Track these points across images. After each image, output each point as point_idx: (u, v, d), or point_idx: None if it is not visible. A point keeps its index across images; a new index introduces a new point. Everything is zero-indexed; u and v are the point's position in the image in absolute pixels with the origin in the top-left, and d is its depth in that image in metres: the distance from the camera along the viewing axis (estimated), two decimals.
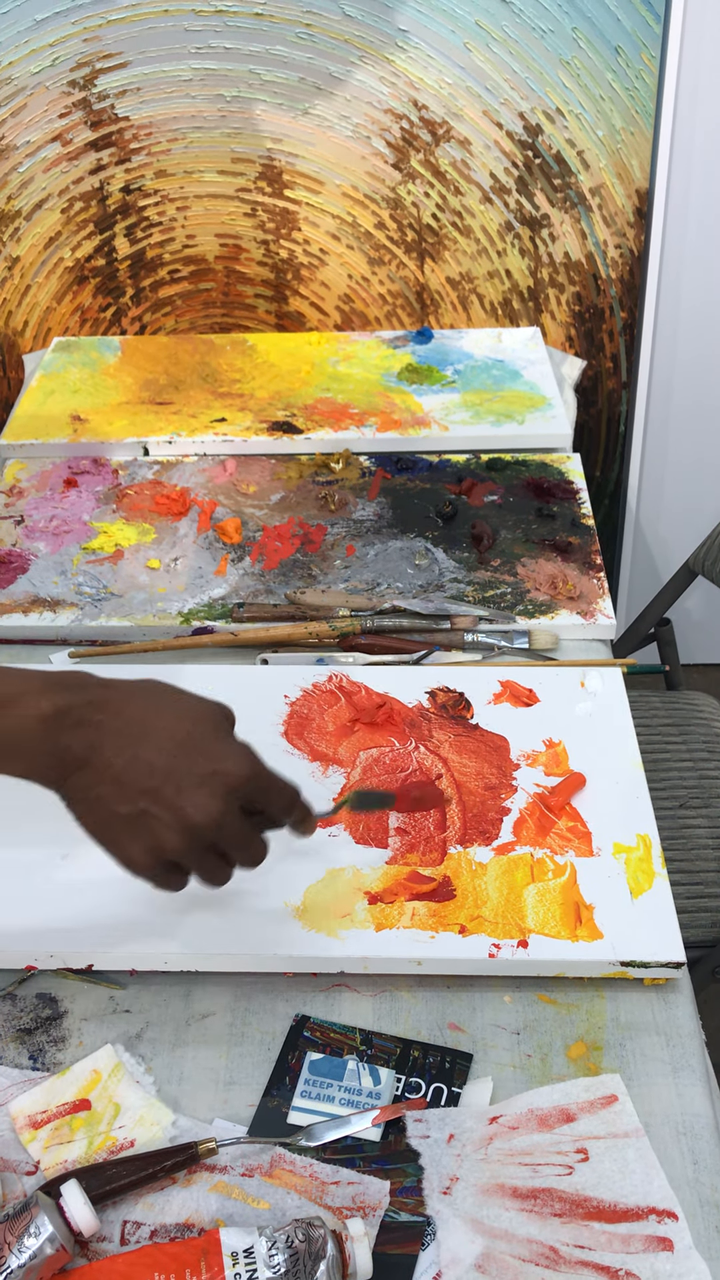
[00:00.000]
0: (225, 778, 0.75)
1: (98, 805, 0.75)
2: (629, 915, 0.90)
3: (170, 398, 1.58)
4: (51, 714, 0.75)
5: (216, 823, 0.75)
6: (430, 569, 1.29)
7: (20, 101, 1.68)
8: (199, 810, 0.74)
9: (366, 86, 1.67)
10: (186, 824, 0.74)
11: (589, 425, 1.96)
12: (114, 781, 0.74)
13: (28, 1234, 0.70)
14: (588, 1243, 0.73)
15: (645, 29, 1.62)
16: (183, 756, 0.75)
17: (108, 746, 0.75)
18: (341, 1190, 0.76)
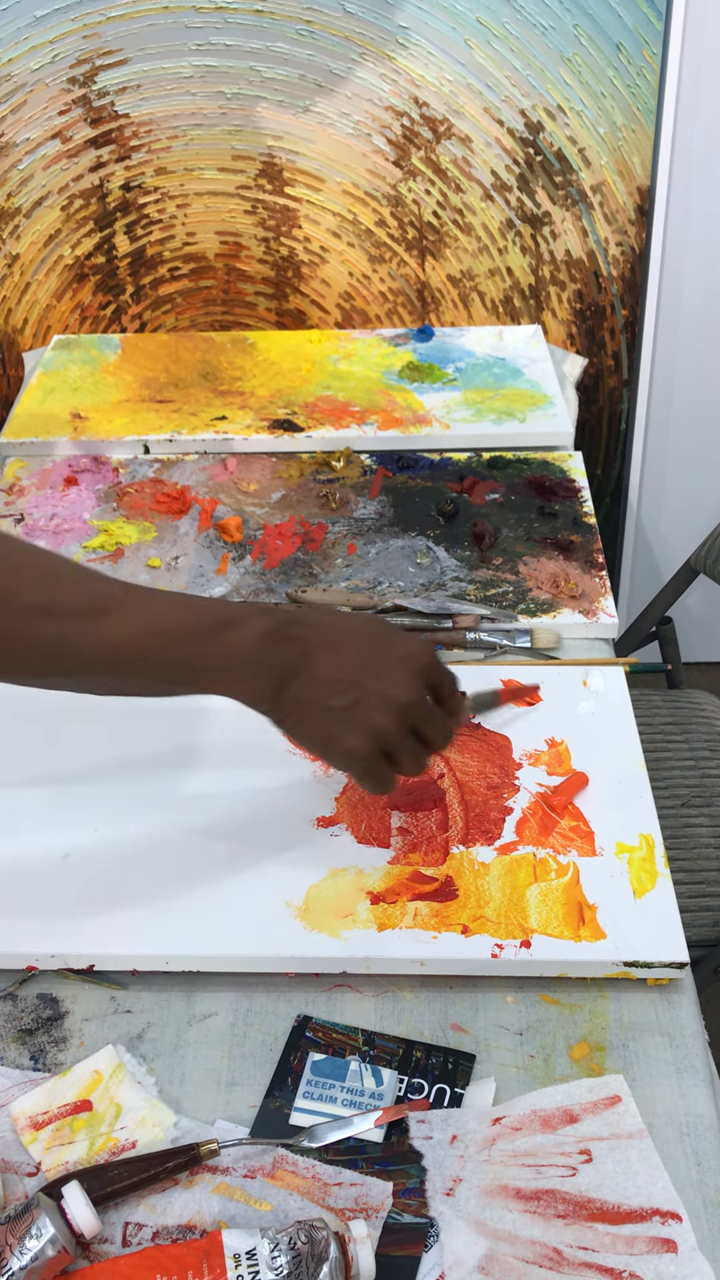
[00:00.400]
0: (414, 658, 0.86)
1: (313, 707, 0.83)
2: (632, 915, 0.89)
3: (171, 396, 1.57)
4: (268, 631, 0.83)
5: (416, 696, 0.84)
6: (432, 567, 1.28)
7: (20, 98, 1.68)
8: (401, 689, 0.84)
9: (367, 84, 1.67)
10: (394, 703, 0.83)
11: (590, 423, 1.95)
12: (324, 681, 0.83)
13: (29, 1235, 0.69)
14: (591, 1244, 0.73)
15: (647, 26, 1.62)
16: (376, 651, 0.85)
17: (315, 653, 0.84)
18: (344, 1191, 0.76)
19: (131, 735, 1.06)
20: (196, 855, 0.94)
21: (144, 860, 0.94)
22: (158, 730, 1.06)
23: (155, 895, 0.92)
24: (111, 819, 0.98)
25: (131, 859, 0.95)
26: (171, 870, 0.93)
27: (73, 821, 0.98)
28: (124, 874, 0.93)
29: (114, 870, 0.94)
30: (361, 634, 0.87)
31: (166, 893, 0.92)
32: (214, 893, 0.92)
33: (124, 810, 0.99)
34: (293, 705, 0.84)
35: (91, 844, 0.96)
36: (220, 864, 0.94)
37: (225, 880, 0.92)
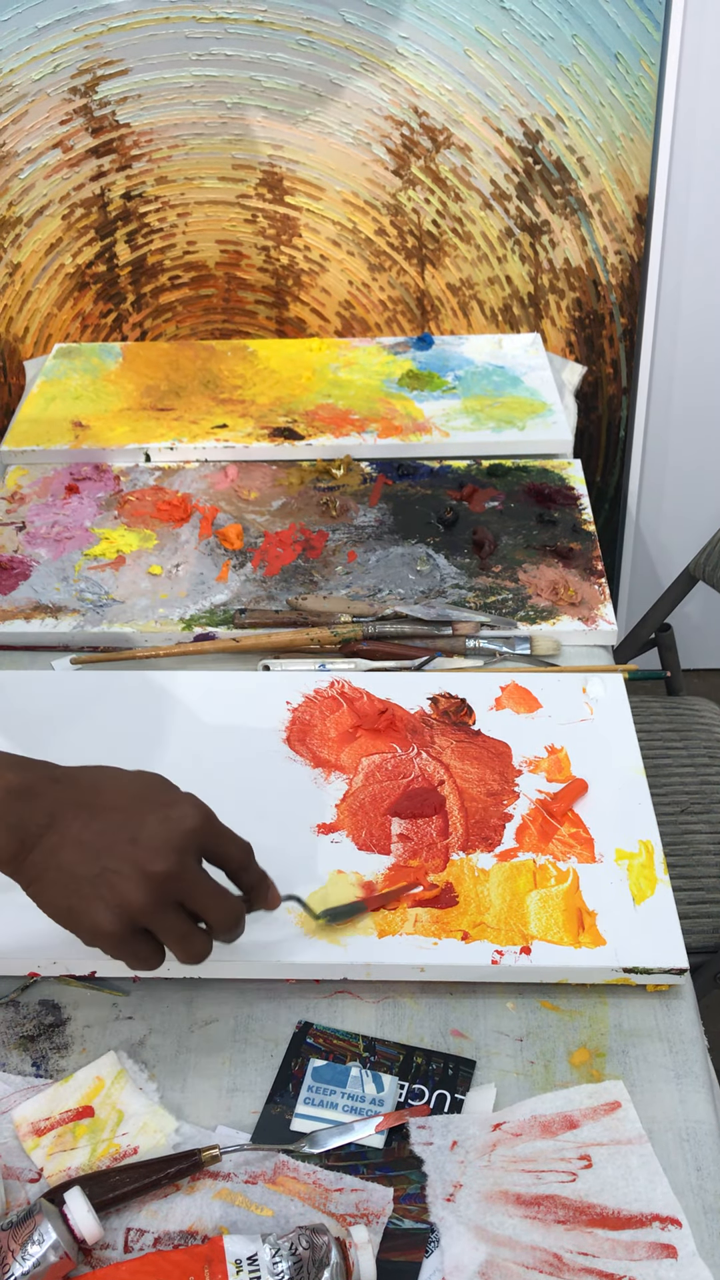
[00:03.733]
0: (178, 822, 0.75)
1: (59, 874, 0.75)
2: (631, 921, 0.90)
3: (171, 404, 1.58)
4: (17, 787, 0.76)
5: (176, 868, 0.74)
6: (432, 575, 1.29)
7: (21, 108, 1.68)
8: (156, 857, 0.74)
9: (367, 93, 1.68)
10: (145, 872, 0.74)
11: (589, 431, 1.96)
12: (74, 845, 0.75)
13: (31, 1241, 0.70)
14: (591, 1250, 0.73)
15: (645, 36, 1.63)
16: (137, 809, 0.76)
17: (67, 814, 0.76)
18: (345, 1197, 0.76)
19: (131, 742, 1.06)
20: None
21: None
22: (157, 737, 1.07)
23: None
24: None
25: None
26: None
27: None
28: None
29: None
30: (123, 790, 0.77)
31: None
32: None
33: None
34: (36, 870, 0.75)
35: None
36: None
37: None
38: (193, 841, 0.76)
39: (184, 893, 0.75)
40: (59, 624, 1.23)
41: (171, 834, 0.75)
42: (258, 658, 1.19)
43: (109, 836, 0.75)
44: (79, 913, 0.75)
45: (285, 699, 1.11)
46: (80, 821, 0.75)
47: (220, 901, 0.77)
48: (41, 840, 0.75)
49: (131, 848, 0.74)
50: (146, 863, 0.74)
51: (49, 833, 0.75)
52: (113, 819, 0.75)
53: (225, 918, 0.78)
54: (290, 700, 1.11)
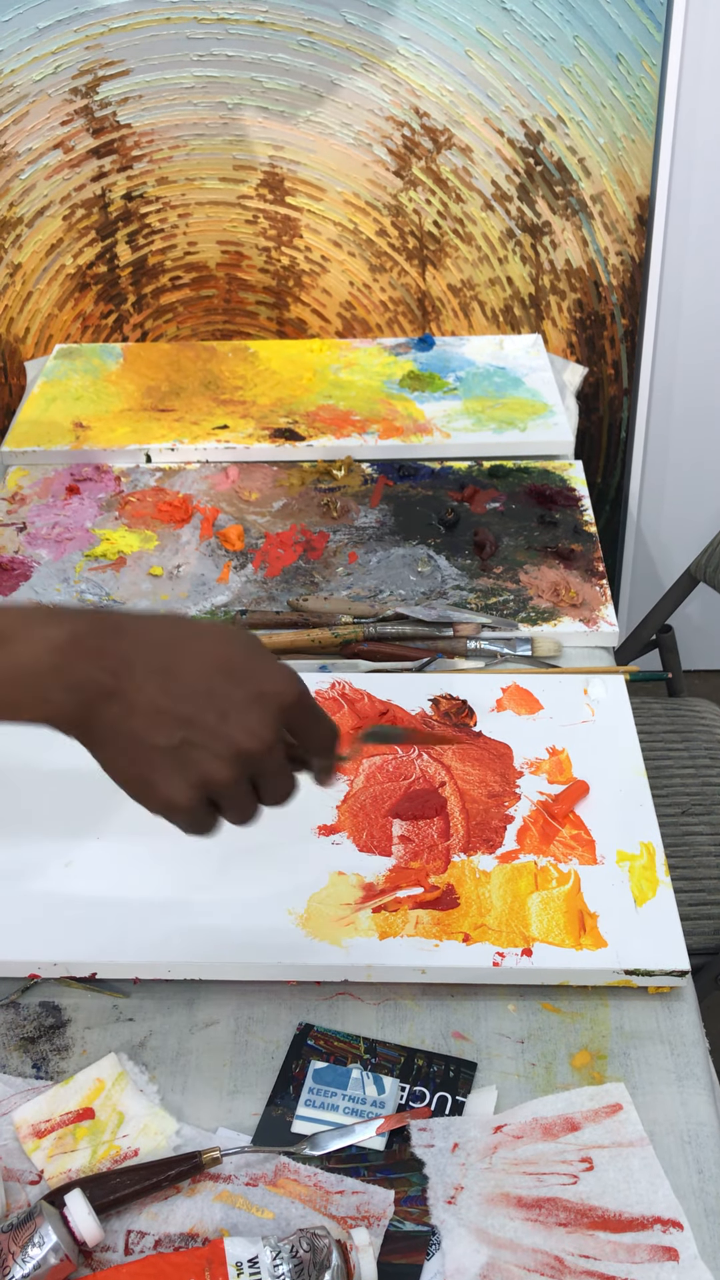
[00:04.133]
0: (274, 697, 0.68)
1: (131, 742, 0.67)
2: (633, 923, 0.89)
3: (172, 405, 1.58)
4: (66, 641, 0.66)
5: (265, 748, 0.67)
6: (433, 576, 1.29)
7: (22, 109, 1.68)
8: (250, 735, 0.66)
9: (368, 94, 1.68)
10: (237, 751, 0.66)
11: (590, 432, 1.96)
12: (148, 711, 0.66)
13: (32, 1244, 0.70)
14: (593, 1252, 0.73)
15: (646, 37, 1.62)
16: (223, 679, 0.67)
17: (137, 674, 0.67)
18: (346, 1199, 0.76)
19: None
20: (198, 863, 0.95)
21: (146, 868, 0.95)
22: None
23: (157, 903, 0.92)
24: (113, 827, 0.98)
25: (133, 867, 0.95)
26: (173, 878, 0.94)
27: (74, 829, 0.98)
28: (126, 882, 0.94)
29: (116, 878, 0.94)
30: (207, 654, 0.68)
31: (168, 901, 0.92)
32: (215, 901, 0.92)
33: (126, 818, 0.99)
34: (103, 735, 0.67)
35: (93, 852, 0.96)
36: (222, 872, 0.94)
37: (227, 888, 0.92)
38: (284, 719, 0.69)
39: (261, 770, 0.69)
40: None
41: (266, 711, 0.67)
42: None
43: (192, 706, 0.66)
44: (152, 784, 0.68)
45: None
46: (155, 684, 0.67)
47: (285, 781, 0.70)
48: (108, 703, 0.66)
49: (220, 722, 0.66)
50: (239, 740, 0.66)
51: (116, 696, 0.66)
52: (197, 686, 0.67)
53: (283, 796, 0.71)
54: None
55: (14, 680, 0.66)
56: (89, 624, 0.68)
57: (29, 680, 0.66)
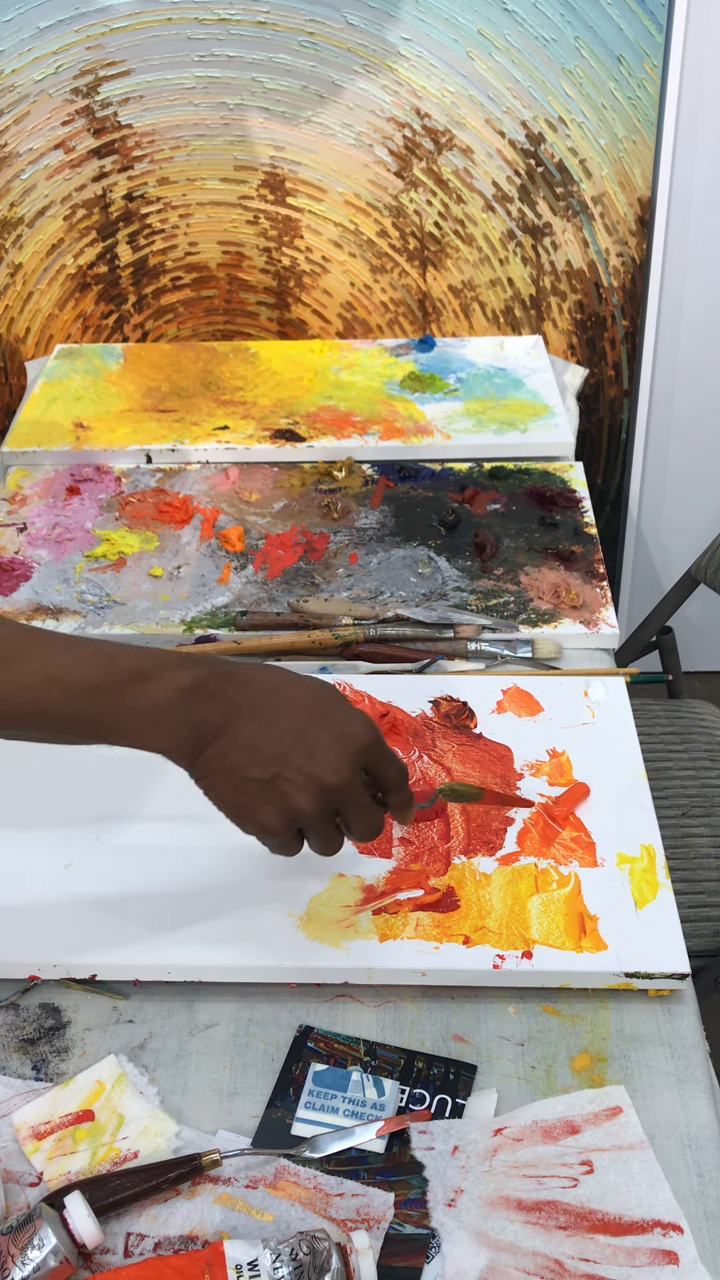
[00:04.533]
0: (353, 739, 0.78)
1: (233, 774, 0.78)
2: (633, 926, 0.89)
3: (173, 405, 1.58)
4: (191, 686, 0.77)
5: (345, 783, 0.78)
6: (433, 577, 1.29)
7: (23, 109, 1.68)
8: (330, 771, 0.77)
9: (369, 95, 1.68)
10: (320, 785, 0.77)
11: (591, 433, 1.96)
12: (248, 748, 0.77)
13: (31, 1246, 0.70)
14: (593, 1256, 0.73)
15: (647, 38, 1.62)
16: (311, 721, 0.79)
17: (242, 716, 0.78)
18: (346, 1202, 0.76)
19: None
20: (198, 865, 0.95)
21: (146, 870, 0.94)
22: None
23: (157, 905, 0.92)
24: (114, 828, 0.98)
25: (134, 868, 0.95)
26: (173, 880, 0.94)
27: (75, 831, 0.98)
28: (126, 883, 0.93)
29: (116, 880, 0.94)
30: (298, 701, 0.80)
31: (168, 902, 0.92)
32: (216, 902, 0.92)
33: (126, 819, 0.99)
34: (210, 766, 0.78)
35: (94, 853, 0.96)
36: (222, 874, 0.94)
37: (227, 890, 0.92)
38: (361, 758, 0.79)
39: (344, 804, 0.79)
40: (60, 626, 1.22)
41: (345, 750, 0.78)
42: (259, 660, 1.19)
43: (284, 745, 0.78)
44: (249, 810, 0.79)
45: None
46: (256, 725, 0.78)
47: (370, 816, 0.80)
48: (217, 740, 0.78)
49: (307, 760, 0.77)
50: (321, 776, 0.77)
51: (224, 733, 0.78)
52: (288, 728, 0.78)
53: (369, 830, 0.81)
54: None
55: (148, 715, 0.77)
56: (208, 671, 0.79)
57: (160, 716, 0.77)
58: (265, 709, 0.79)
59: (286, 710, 0.79)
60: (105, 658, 0.77)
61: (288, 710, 0.79)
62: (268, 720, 0.78)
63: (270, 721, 0.78)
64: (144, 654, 0.79)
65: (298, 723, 0.79)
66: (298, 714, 0.79)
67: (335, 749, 0.78)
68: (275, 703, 0.79)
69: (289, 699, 0.80)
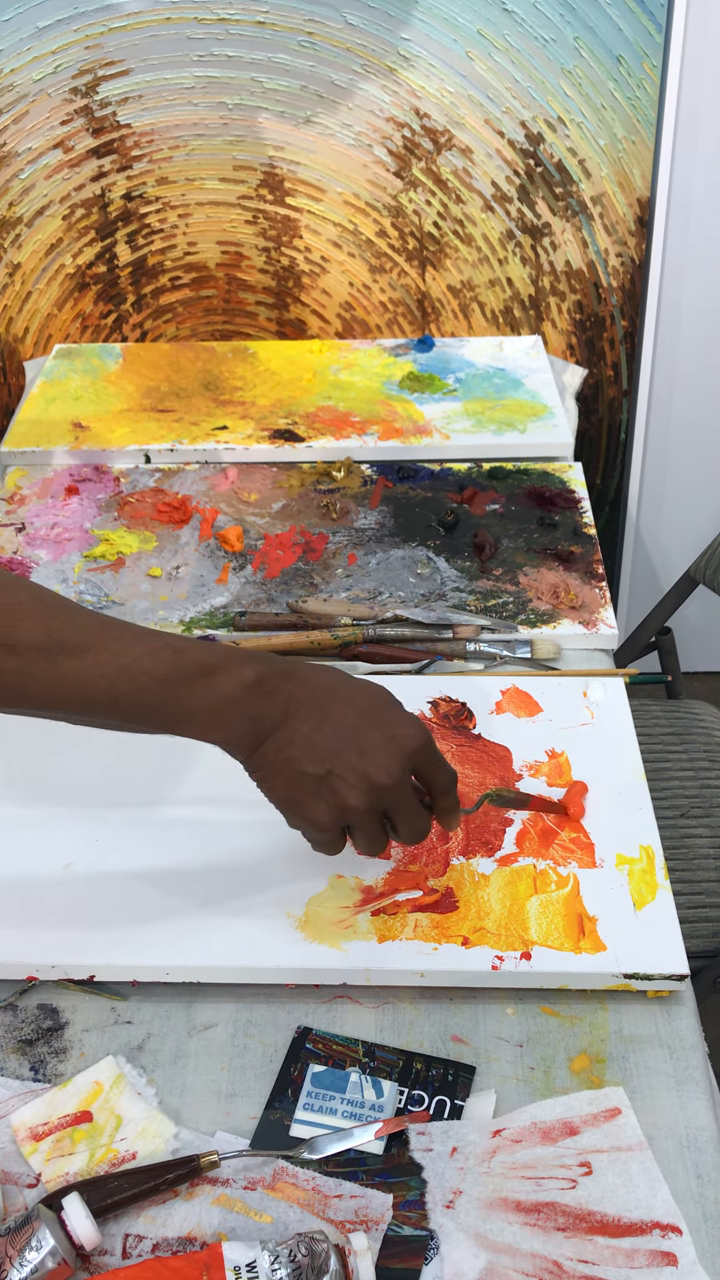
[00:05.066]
0: (405, 741, 0.81)
1: (287, 768, 0.80)
2: (632, 927, 0.89)
3: (172, 405, 1.58)
4: (253, 681, 0.80)
5: (394, 783, 0.80)
6: (432, 578, 1.28)
7: (22, 108, 1.68)
8: (382, 771, 0.79)
9: (368, 95, 1.68)
10: (371, 784, 0.79)
11: (590, 433, 1.96)
12: (304, 744, 0.80)
13: (29, 1247, 0.69)
14: (591, 1257, 0.73)
15: (647, 38, 1.62)
16: (365, 722, 0.81)
17: (299, 712, 0.80)
18: (344, 1204, 0.76)
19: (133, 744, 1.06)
20: (197, 865, 0.94)
21: (144, 870, 0.94)
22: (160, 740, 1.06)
23: (156, 906, 0.92)
24: (112, 829, 0.98)
25: (132, 869, 0.95)
26: (172, 880, 0.93)
27: (73, 831, 0.98)
28: (124, 884, 0.93)
29: (114, 880, 0.94)
30: (353, 701, 0.82)
31: (167, 903, 0.92)
32: (214, 903, 0.92)
33: (125, 820, 0.99)
34: (266, 760, 0.81)
35: (92, 854, 0.96)
36: (220, 875, 0.94)
37: (225, 891, 0.92)
38: (412, 761, 0.81)
39: (392, 805, 0.81)
40: None
41: (397, 752, 0.80)
42: None
43: (338, 743, 0.80)
44: (300, 805, 0.81)
45: None
46: (312, 723, 0.80)
47: (417, 819, 0.83)
48: (274, 735, 0.80)
49: (359, 759, 0.79)
50: (372, 775, 0.79)
51: (281, 728, 0.80)
52: (343, 727, 0.80)
53: (416, 833, 0.83)
54: None
55: (213, 706, 0.79)
56: (270, 668, 0.81)
57: (223, 709, 0.80)
58: (322, 707, 0.81)
59: (342, 709, 0.81)
60: (174, 651, 0.79)
61: (343, 710, 0.81)
62: (324, 718, 0.80)
63: (326, 719, 0.80)
64: (210, 649, 0.82)
65: (352, 722, 0.81)
66: (353, 714, 0.81)
67: (388, 750, 0.80)
68: (332, 702, 0.81)
69: (345, 699, 0.82)
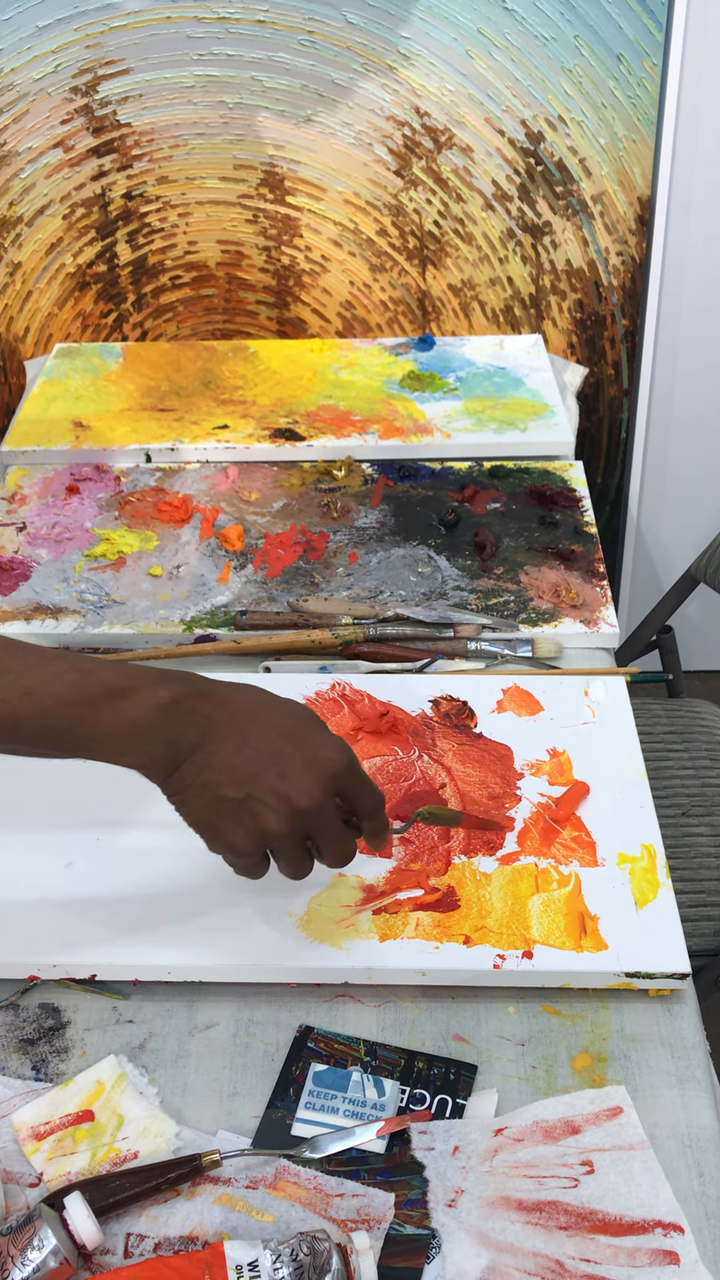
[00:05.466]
0: (327, 763, 0.78)
1: (204, 791, 0.78)
2: (633, 926, 0.89)
3: (172, 404, 1.58)
4: (169, 702, 0.78)
5: (317, 806, 0.78)
6: (433, 577, 1.28)
7: (23, 107, 1.68)
8: (302, 794, 0.77)
9: (369, 94, 1.67)
10: (290, 808, 0.77)
11: (590, 432, 1.96)
12: (222, 767, 0.78)
13: (31, 1247, 0.69)
14: (593, 1256, 0.73)
15: (647, 37, 1.62)
16: (286, 744, 0.78)
17: (217, 734, 0.78)
18: (346, 1203, 0.76)
19: None
20: (198, 865, 0.94)
21: (146, 870, 0.94)
22: None
23: (157, 905, 0.92)
24: (113, 828, 0.98)
25: (133, 868, 0.95)
26: (173, 880, 0.93)
27: (74, 831, 0.98)
28: (126, 884, 0.93)
29: (116, 880, 0.94)
30: (274, 723, 0.80)
31: (168, 903, 0.92)
32: (215, 903, 0.92)
33: (126, 819, 0.99)
34: (183, 783, 0.78)
35: (94, 853, 0.96)
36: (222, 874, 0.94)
37: (227, 890, 0.92)
38: (335, 784, 0.79)
39: (315, 828, 0.79)
40: (59, 625, 1.22)
41: (318, 775, 0.78)
42: (259, 660, 1.19)
43: (258, 765, 0.77)
44: (219, 829, 0.79)
45: None
46: (230, 745, 0.78)
47: (340, 842, 0.81)
48: (191, 757, 0.78)
49: (280, 782, 0.77)
50: (292, 798, 0.77)
51: (199, 751, 0.78)
52: (263, 749, 0.78)
53: (340, 856, 0.81)
54: None
55: (126, 729, 0.77)
56: (186, 689, 0.79)
57: (136, 732, 0.77)
58: (241, 729, 0.79)
59: (262, 731, 0.79)
60: (81, 673, 0.77)
61: (263, 731, 0.79)
62: (243, 740, 0.78)
63: (245, 741, 0.78)
64: (121, 670, 0.79)
65: (272, 744, 0.78)
66: (273, 735, 0.79)
67: (309, 772, 0.78)
68: (251, 723, 0.79)
69: (265, 720, 0.80)
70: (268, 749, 0.78)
